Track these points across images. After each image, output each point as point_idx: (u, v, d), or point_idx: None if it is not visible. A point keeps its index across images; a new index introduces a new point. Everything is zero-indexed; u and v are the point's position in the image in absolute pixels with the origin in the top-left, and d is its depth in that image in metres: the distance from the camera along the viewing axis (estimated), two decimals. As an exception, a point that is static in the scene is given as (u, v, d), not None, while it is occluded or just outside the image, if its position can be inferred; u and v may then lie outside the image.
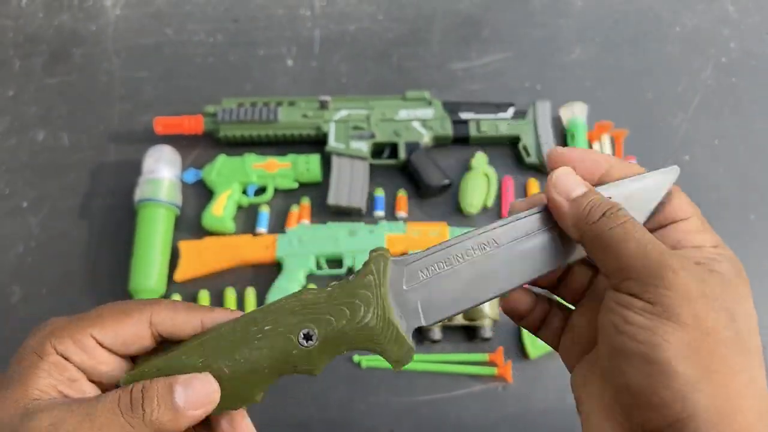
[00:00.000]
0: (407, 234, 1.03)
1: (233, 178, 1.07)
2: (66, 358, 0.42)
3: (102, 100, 1.18)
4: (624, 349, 0.38)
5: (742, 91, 1.16)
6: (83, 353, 0.42)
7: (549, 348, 0.94)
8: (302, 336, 0.42)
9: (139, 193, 1.04)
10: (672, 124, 1.13)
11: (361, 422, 0.94)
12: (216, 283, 1.03)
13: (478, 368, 0.95)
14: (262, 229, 1.06)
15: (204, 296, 1.01)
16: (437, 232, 1.03)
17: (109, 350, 0.43)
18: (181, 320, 0.44)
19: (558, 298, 0.51)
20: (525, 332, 0.97)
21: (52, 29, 1.26)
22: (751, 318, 0.39)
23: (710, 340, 0.36)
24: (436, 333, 0.96)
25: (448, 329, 0.97)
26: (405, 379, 0.96)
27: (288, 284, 1.00)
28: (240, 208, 1.08)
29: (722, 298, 0.38)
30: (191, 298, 1.02)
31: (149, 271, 1.00)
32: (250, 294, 1.01)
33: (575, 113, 1.10)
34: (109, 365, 0.43)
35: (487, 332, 0.95)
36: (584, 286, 0.49)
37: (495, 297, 0.45)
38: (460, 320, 0.96)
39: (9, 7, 1.29)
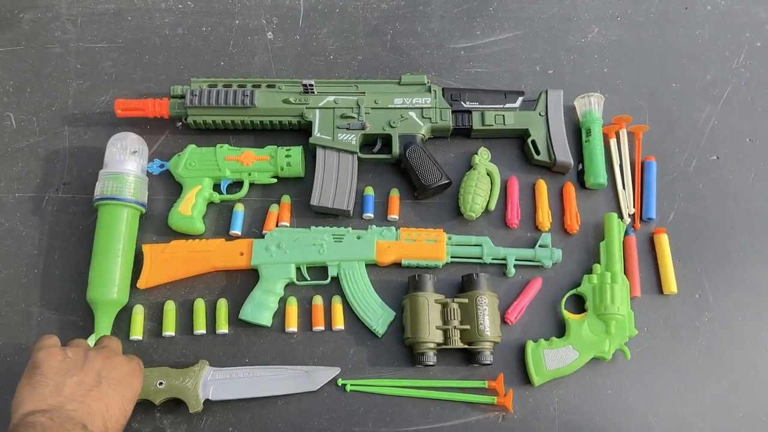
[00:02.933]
0: (400, 241, 0.92)
1: (204, 172, 0.94)
2: None
3: (55, 75, 1.04)
4: None
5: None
6: None
7: (557, 373, 0.86)
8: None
9: (100, 190, 0.91)
10: (699, 118, 1.01)
11: (345, 455, 0.84)
12: (184, 291, 0.92)
13: (476, 396, 0.86)
14: (236, 230, 0.94)
15: (170, 307, 0.90)
16: (434, 239, 0.91)
17: None
18: None
19: None
20: (530, 355, 0.86)
21: (-3, -11, 1.10)
22: None
23: None
24: (430, 357, 0.85)
25: (444, 352, 0.87)
26: (395, 406, 0.86)
27: (265, 297, 0.88)
28: (211, 205, 0.96)
29: None
30: (157, 308, 0.90)
31: (110, 279, 0.88)
32: (222, 307, 0.90)
33: (591, 105, 0.97)
34: None
35: (487, 357, 0.85)
36: None
37: None
38: (458, 343, 0.85)
39: (-52, -39, 1.12)
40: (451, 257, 0.92)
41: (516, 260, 0.92)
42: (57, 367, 0.71)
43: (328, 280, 0.91)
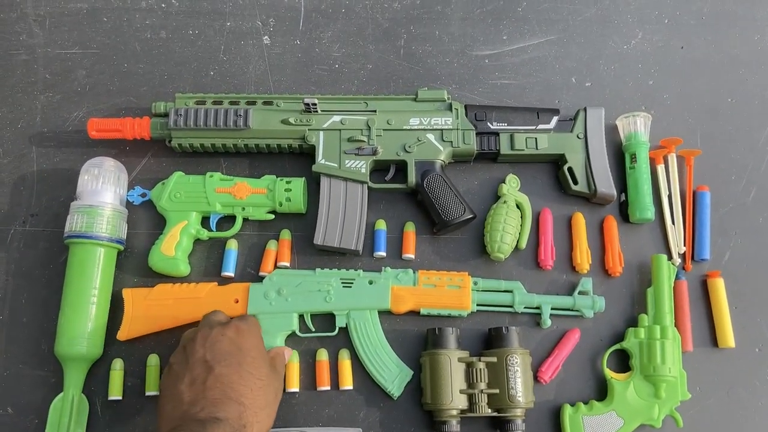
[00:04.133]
0: (418, 287, 0.80)
1: (191, 205, 0.82)
2: None
3: (20, 86, 0.92)
4: None
5: None
6: None
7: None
8: None
9: (71, 225, 0.79)
10: (758, 140, 0.89)
11: None
12: (170, 344, 0.80)
13: (505, 470, 0.75)
14: (228, 272, 0.82)
15: (154, 362, 0.79)
16: (458, 284, 0.80)
17: None
18: None
19: None
20: (567, 423, 0.76)
21: (-46, -17, 0.96)
22: None
23: None
24: (453, 425, 0.74)
25: (469, 420, 0.76)
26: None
27: (262, 352, 0.77)
28: (198, 242, 0.83)
29: None
30: (139, 363, 0.79)
31: (79, 330, 0.77)
32: (213, 363, 0.78)
33: (637, 127, 0.85)
34: None
35: (519, 427, 0.74)
36: None
37: None
38: (485, 410, 0.74)
39: None
40: (477, 305, 0.80)
41: (552, 309, 0.80)
42: (170, 380, 0.68)
43: (336, 331, 0.80)
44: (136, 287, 0.82)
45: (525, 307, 0.81)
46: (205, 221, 0.84)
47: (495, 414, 0.75)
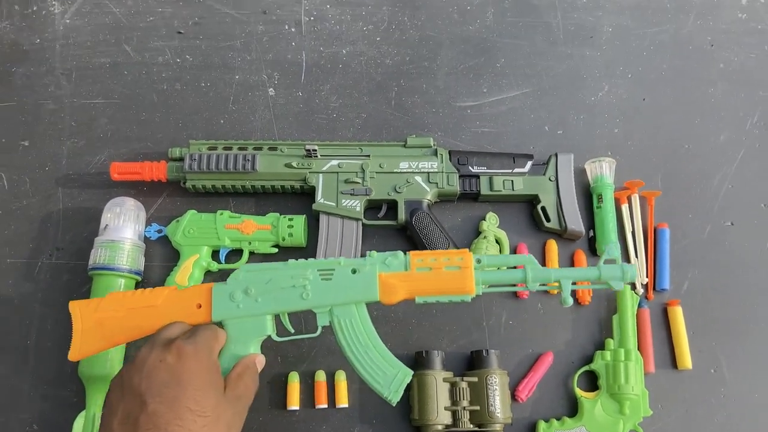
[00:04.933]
0: (411, 272, 0.71)
1: (202, 240, 0.91)
2: None
3: (48, 133, 1.01)
4: None
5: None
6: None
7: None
8: None
9: (95, 258, 0.88)
10: (712, 182, 0.99)
11: None
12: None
13: (485, 481, 0.83)
14: (236, 301, 0.90)
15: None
16: (458, 264, 0.71)
17: None
18: None
19: None
20: (541, 436, 0.84)
21: (-11, 40, 1.07)
22: None
23: None
24: (436, 440, 0.82)
25: (450, 434, 0.84)
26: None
27: (233, 358, 0.70)
28: (209, 273, 0.92)
29: None
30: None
31: (101, 353, 0.84)
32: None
33: (603, 170, 0.95)
34: None
35: (498, 441, 0.82)
36: None
37: None
38: (467, 425, 0.82)
39: (-62, 10, 1.09)
40: (489, 286, 0.73)
41: (574, 285, 0.72)
42: (106, 410, 0.60)
43: (318, 331, 0.72)
44: (85, 299, 0.74)
45: (540, 285, 0.71)
46: (215, 254, 0.92)
47: (476, 429, 0.82)
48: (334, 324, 0.71)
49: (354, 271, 0.71)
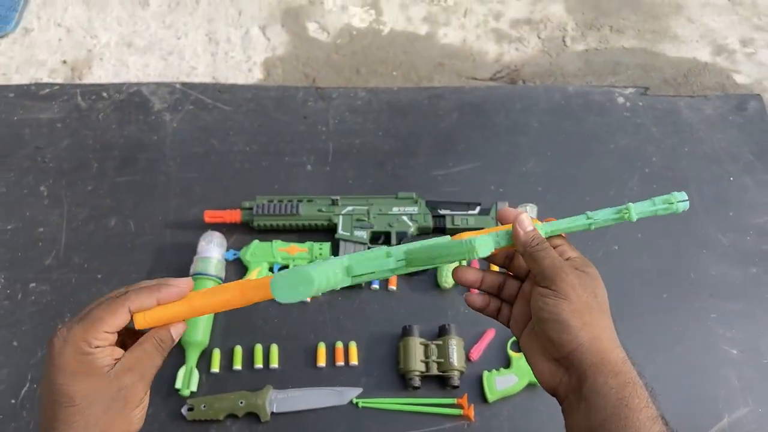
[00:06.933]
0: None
1: (263, 258, 1.39)
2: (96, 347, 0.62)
3: (161, 195, 1.51)
4: (543, 317, 0.69)
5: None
6: (102, 341, 0.65)
7: (504, 393, 1.23)
8: None
9: (193, 268, 1.35)
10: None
11: (358, 450, 1.22)
12: (248, 338, 1.33)
13: (448, 410, 1.23)
14: (284, 298, 1.36)
15: (238, 349, 1.31)
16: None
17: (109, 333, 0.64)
18: (146, 302, 0.68)
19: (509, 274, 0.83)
20: (486, 380, 1.25)
21: (122, 138, 1.60)
22: (604, 295, 0.71)
23: (585, 307, 0.68)
24: (416, 381, 1.24)
25: (426, 378, 1.26)
26: (391, 417, 1.24)
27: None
28: (267, 281, 1.39)
29: (589, 285, 0.70)
30: (228, 350, 1.31)
31: (197, 327, 1.30)
32: (273, 350, 1.31)
33: (528, 212, 1.42)
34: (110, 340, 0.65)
35: (455, 381, 1.24)
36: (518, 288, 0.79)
37: None
38: (435, 371, 1.25)
39: (89, 120, 1.64)
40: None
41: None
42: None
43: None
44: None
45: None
46: (270, 269, 1.40)
47: (441, 374, 1.25)
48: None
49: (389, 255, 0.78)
